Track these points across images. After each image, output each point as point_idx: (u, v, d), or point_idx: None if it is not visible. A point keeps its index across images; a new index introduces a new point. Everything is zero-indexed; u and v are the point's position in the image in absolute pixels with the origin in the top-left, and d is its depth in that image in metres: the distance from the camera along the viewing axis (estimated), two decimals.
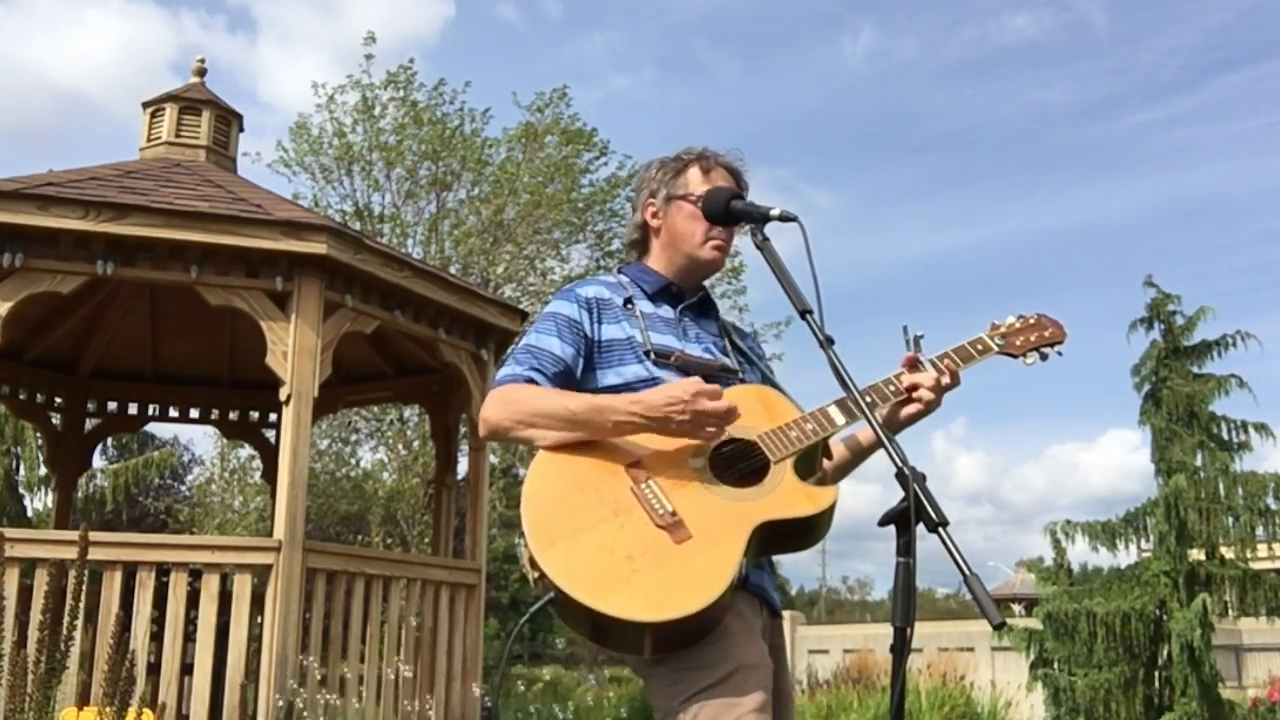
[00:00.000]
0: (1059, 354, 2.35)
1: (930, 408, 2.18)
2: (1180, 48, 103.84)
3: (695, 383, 1.98)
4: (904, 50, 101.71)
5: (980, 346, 2.29)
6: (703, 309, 2.37)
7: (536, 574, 1.93)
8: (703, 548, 1.92)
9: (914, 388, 2.17)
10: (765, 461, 2.03)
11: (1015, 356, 2.31)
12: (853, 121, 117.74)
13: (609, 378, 2.18)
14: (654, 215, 2.34)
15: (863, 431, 2.25)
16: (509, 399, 2.10)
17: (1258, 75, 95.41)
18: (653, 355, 2.18)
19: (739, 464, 2.04)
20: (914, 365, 2.19)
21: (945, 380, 2.20)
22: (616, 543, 1.93)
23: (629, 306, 2.25)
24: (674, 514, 1.94)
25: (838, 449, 2.30)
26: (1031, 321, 2.35)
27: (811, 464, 2.13)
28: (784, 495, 2.00)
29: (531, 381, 2.11)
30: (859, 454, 2.30)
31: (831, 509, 2.02)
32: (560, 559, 1.92)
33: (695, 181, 2.30)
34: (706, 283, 2.45)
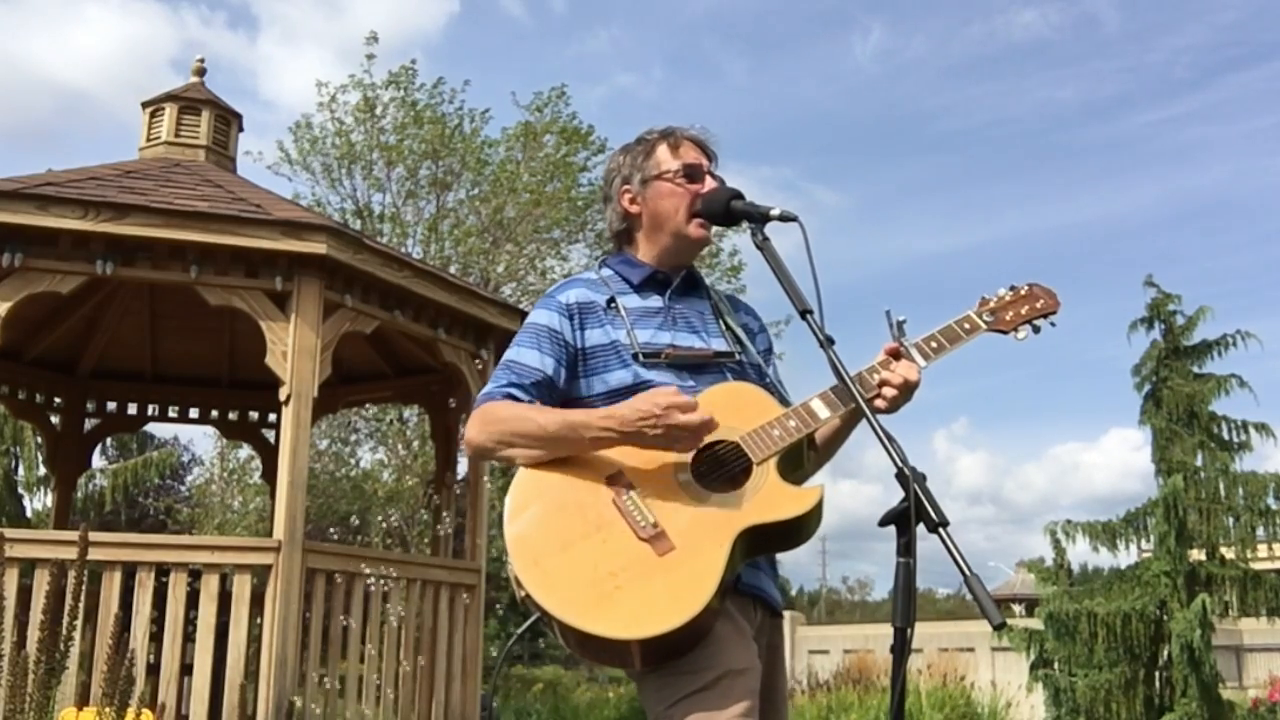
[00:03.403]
0: (1052, 324, 2.26)
1: (895, 405, 2.08)
2: (1191, 46, 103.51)
3: (668, 394, 1.95)
4: (914, 49, 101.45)
5: (968, 325, 2.21)
6: (691, 289, 2.32)
7: (523, 592, 1.93)
8: (686, 559, 1.90)
9: (884, 384, 2.08)
10: (749, 463, 2.01)
11: (1005, 332, 2.22)
12: (859, 120, 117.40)
13: (595, 385, 2.15)
14: (632, 201, 2.30)
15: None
16: (488, 418, 2.08)
17: (1268, 74, 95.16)
18: (641, 357, 2.14)
19: (723, 467, 2.02)
20: (896, 354, 2.12)
21: (914, 379, 2.09)
22: (599, 559, 1.91)
23: (612, 306, 2.21)
24: (656, 525, 1.93)
25: (829, 423, 2.23)
26: (1023, 293, 2.26)
27: (797, 460, 2.10)
28: (768, 498, 1.97)
29: (510, 398, 2.09)
30: (847, 423, 2.21)
31: (817, 508, 1.99)
32: (543, 578, 1.91)
33: (666, 159, 2.27)
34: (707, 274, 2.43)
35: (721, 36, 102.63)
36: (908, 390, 2.08)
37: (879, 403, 2.07)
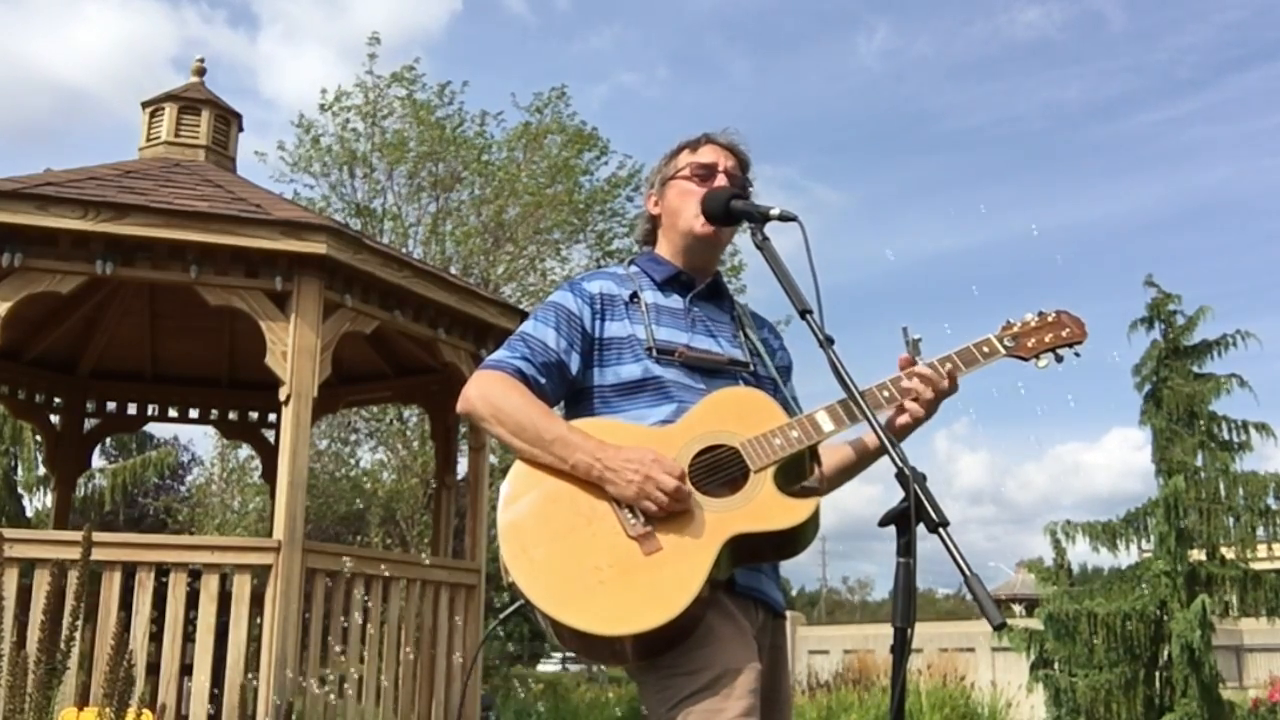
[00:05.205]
0: (1076, 355, 2.20)
1: (919, 420, 2.10)
2: (1195, 45, 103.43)
3: (656, 453, 1.95)
4: (918, 48, 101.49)
5: (986, 349, 2.17)
6: (714, 297, 2.34)
7: (509, 579, 1.94)
8: (671, 560, 1.90)
9: (907, 394, 2.08)
10: (748, 469, 2.00)
11: (1025, 359, 2.17)
12: (863, 119, 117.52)
13: (606, 377, 2.17)
14: (655, 204, 2.35)
15: (868, 435, 2.19)
16: (494, 394, 2.09)
17: (1271, 74, 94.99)
18: (655, 353, 2.15)
19: (720, 471, 2.01)
20: (910, 365, 2.12)
21: (944, 385, 2.10)
22: (586, 553, 1.92)
23: (635, 301, 2.22)
24: (646, 524, 1.93)
25: (841, 451, 2.25)
26: (1050, 320, 2.20)
27: (798, 471, 2.08)
28: (760, 507, 1.96)
29: (520, 372, 2.11)
30: (864, 456, 2.24)
31: (810, 521, 1.97)
32: (529, 567, 1.93)
33: (684, 159, 2.32)
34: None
35: (726, 35, 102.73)
36: (936, 397, 2.10)
37: (904, 417, 2.10)
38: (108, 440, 16.68)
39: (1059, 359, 2.19)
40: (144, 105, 6.72)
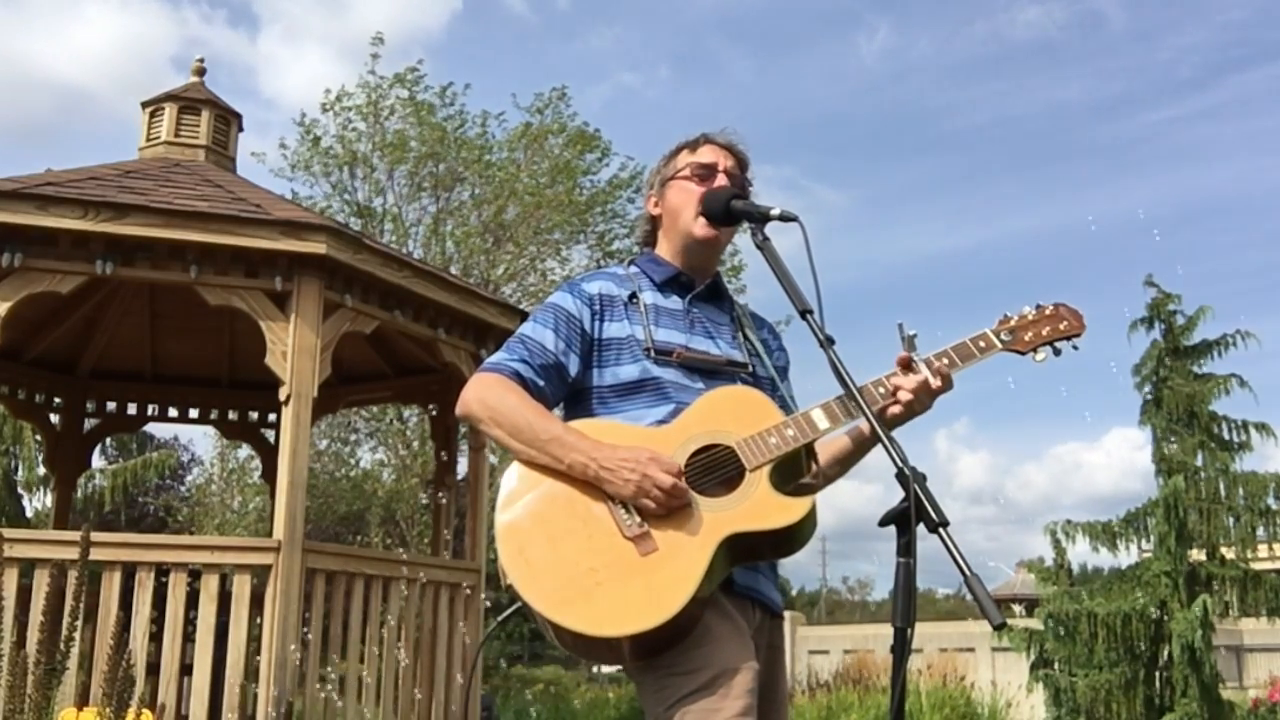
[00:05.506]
0: (1074, 348, 2.18)
1: (912, 411, 2.09)
2: (1197, 45, 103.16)
3: (653, 451, 1.96)
4: (919, 48, 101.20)
5: (983, 344, 2.17)
6: (713, 298, 2.34)
7: (507, 581, 1.95)
8: (666, 561, 1.90)
9: (898, 389, 2.08)
10: (743, 468, 2.00)
11: (1023, 353, 2.16)
12: (864, 119, 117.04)
13: (605, 377, 2.17)
14: (655, 205, 2.35)
15: (865, 423, 2.18)
16: (491, 395, 2.10)
17: (1273, 74, 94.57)
18: (653, 353, 2.15)
19: (716, 471, 2.01)
20: (908, 365, 2.10)
21: (935, 383, 2.09)
22: (582, 554, 1.92)
23: (634, 301, 2.22)
24: (642, 525, 1.93)
25: (839, 442, 2.25)
26: (1048, 313, 2.19)
27: (794, 469, 2.08)
28: (756, 506, 1.96)
29: (517, 374, 2.11)
30: (862, 445, 2.23)
31: (806, 519, 1.97)
32: (526, 569, 1.93)
33: (683, 159, 2.32)
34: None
35: (727, 36, 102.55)
36: (924, 392, 2.08)
37: (895, 409, 2.08)
38: (108, 440, 16.69)
39: (1057, 352, 2.18)
40: (144, 105, 6.72)
